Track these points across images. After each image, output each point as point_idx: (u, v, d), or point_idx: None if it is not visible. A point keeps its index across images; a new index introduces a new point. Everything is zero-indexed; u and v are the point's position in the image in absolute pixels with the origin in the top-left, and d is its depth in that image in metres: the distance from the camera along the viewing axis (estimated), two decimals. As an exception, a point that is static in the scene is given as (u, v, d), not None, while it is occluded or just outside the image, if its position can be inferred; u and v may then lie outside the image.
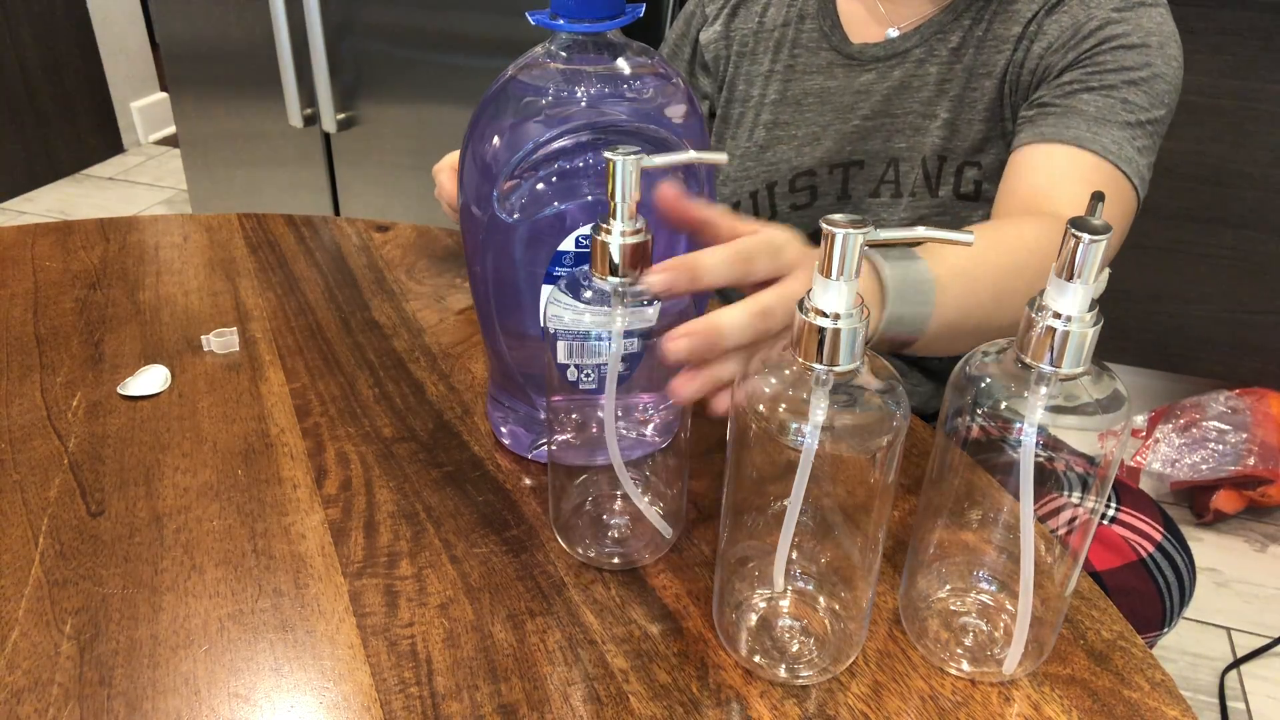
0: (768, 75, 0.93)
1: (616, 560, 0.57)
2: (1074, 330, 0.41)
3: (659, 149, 0.55)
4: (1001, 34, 0.83)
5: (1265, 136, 1.61)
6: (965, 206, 0.86)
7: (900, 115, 0.87)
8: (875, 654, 0.52)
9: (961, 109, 0.84)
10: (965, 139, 0.84)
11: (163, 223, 0.98)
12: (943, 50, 0.86)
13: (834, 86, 0.90)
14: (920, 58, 0.87)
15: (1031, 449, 0.43)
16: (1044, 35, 0.80)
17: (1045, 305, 0.41)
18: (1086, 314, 0.41)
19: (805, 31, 0.92)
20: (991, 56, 0.83)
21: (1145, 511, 0.80)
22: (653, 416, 0.61)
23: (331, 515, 0.60)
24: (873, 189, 0.88)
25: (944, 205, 0.86)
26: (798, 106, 0.91)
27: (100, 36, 2.95)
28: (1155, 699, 0.49)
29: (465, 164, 0.59)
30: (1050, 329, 0.41)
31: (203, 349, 0.77)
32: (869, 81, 0.88)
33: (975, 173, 0.85)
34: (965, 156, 0.85)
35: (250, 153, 2.07)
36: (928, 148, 0.86)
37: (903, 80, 0.87)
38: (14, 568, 0.56)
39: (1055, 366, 0.42)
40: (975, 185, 0.85)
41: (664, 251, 0.59)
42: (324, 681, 0.50)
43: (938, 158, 0.85)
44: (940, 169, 0.85)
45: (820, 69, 0.91)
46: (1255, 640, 1.48)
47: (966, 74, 0.84)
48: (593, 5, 0.53)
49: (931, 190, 0.86)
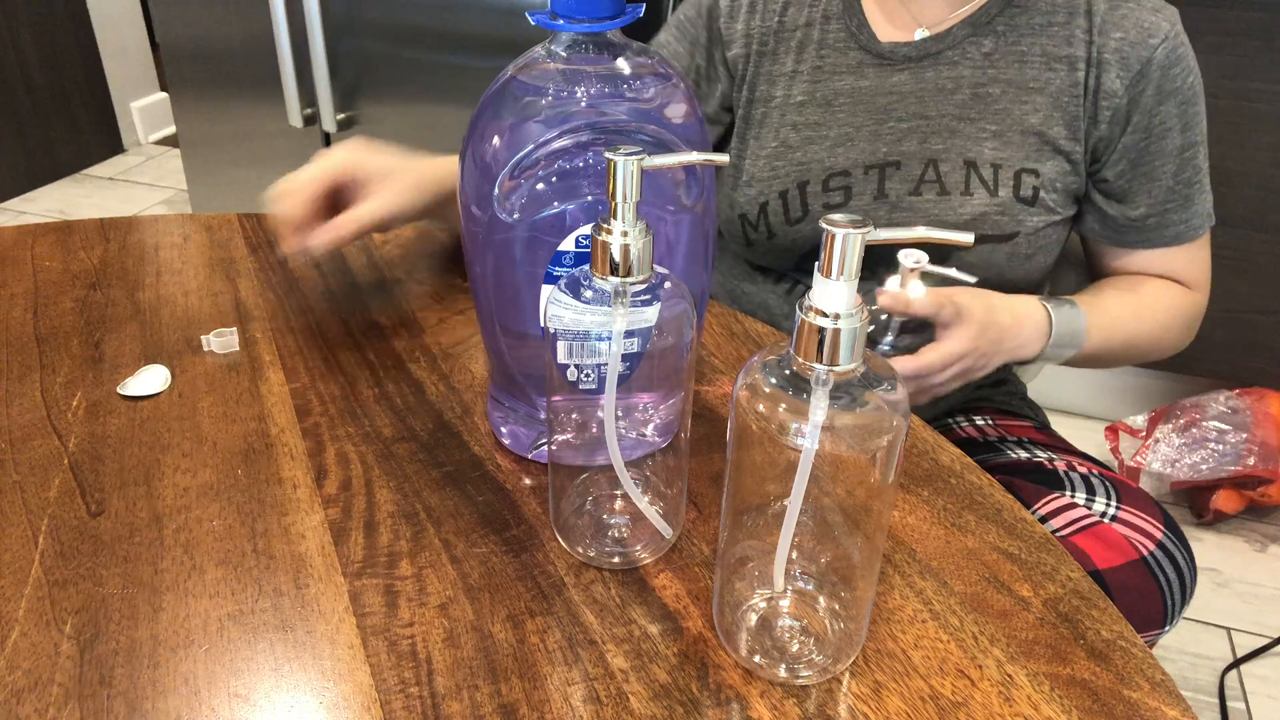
0: (791, 75, 0.93)
1: (616, 560, 0.57)
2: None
3: (659, 149, 0.55)
4: (1053, 52, 0.85)
5: (1265, 136, 1.61)
6: (1024, 210, 0.87)
7: (935, 117, 0.87)
8: (875, 654, 0.52)
9: (1010, 122, 0.86)
10: (1020, 149, 0.86)
11: (163, 223, 0.98)
12: (975, 54, 0.87)
13: (866, 87, 0.90)
14: (953, 60, 0.87)
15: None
16: (1108, 65, 0.84)
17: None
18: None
19: (831, 31, 0.91)
20: (1042, 73, 0.85)
21: (1145, 510, 0.80)
22: (653, 416, 0.61)
23: (331, 515, 0.60)
24: (912, 188, 0.88)
25: (1004, 205, 0.86)
26: (828, 107, 0.91)
27: (100, 36, 2.95)
28: (1155, 699, 0.49)
29: (465, 164, 0.59)
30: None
31: (203, 349, 0.77)
32: (901, 82, 0.89)
33: (1033, 179, 0.86)
34: (1021, 164, 0.86)
35: (250, 153, 2.07)
36: (976, 153, 0.87)
37: (937, 83, 0.88)
38: (14, 568, 0.56)
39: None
40: (1034, 191, 0.87)
41: (664, 251, 0.59)
42: (324, 681, 0.50)
43: (991, 165, 0.87)
44: (996, 175, 0.87)
45: (850, 69, 0.91)
46: (1255, 640, 1.48)
47: (1015, 89, 0.85)
48: (593, 5, 0.53)
49: (991, 191, 0.87)
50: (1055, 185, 0.86)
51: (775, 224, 0.92)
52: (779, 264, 0.97)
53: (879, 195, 0.89)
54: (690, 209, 0.59)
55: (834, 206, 0.90)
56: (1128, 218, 0.89)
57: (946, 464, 0.66)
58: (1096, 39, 0.84)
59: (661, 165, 0.48)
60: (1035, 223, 0.87)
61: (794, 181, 0.91)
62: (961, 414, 1.00)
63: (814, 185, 0.91)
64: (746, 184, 0.93)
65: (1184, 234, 0.90)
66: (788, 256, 0.95)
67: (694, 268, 0.61)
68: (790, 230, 0.92)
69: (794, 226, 0.92)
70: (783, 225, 0.92)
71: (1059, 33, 0.85)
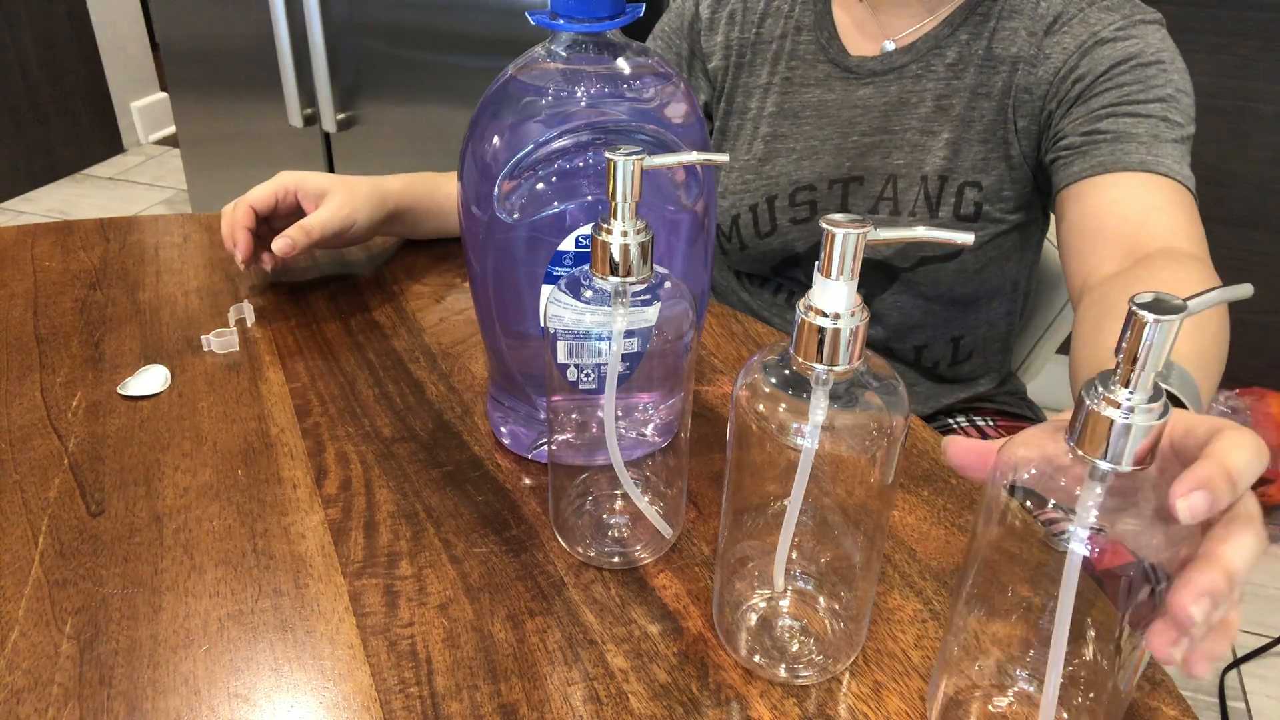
0: (765, 88, 0.93)
1: (616, 560, 0.57)
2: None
3: (659, 149, 0.55)
4: (1000, 54, 0.84)
5: (1265, 136, 1.61)
6: (965, 227, 0.86)
7: (899, 132, 0.87)
8: (875, 654, 0.52)
9: (963, 128, 0.85)
10: (966, 159, 0.85)
11: (163, 223, 0.98)
12: (939, 65, 0.86)
13: (832, 100, 0.90)
14: (917, 73, 0.87)
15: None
16: (1047, 59, 0.81)
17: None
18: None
19: (802, 43, 0.91)
20: (990, 77, 0.84)
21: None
22: (653, 416, 0.61)
23: (331, 515, 0.60)
24: (871, 205, 0.88)
25: (944, 226, 0.85)
26: (795, 119, 0.91)
27: (100, 36, 2.95)
28: (1155, 699, 0.49)
29: (465, 164, 0.59)
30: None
31: (203, 349, 0.77)
32: (867, 96, 0.88)
33: (975, 193, 0.85)
34: (966, 176, 0.85)
35: (250, 153, 2.07)
36: (929, 166, 0.86)
37: (900, 96, 0.87)
38: (14, 568, 0.56)
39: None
40: (975, 206, 0.85)
41: (664, 251, 0.59)
42: (324, 681, 0.50)
43: (939, 177, 0.86)
44: (941, 189, 0.86)
45: (818, 81, 0.90)
46: (1255, 640, 1.48)
47: (969, 94, 0.85)
48: (593, 5, 0.53)
49: (932, 210, 0.86)
50: (1001, 194, 0.85)
51: (747, 236, 0.93)
52: (756, 270, 0.97)
53: (842, 210, 0.89)
54: (690, 209, 0.59)
55: (800, 221, 0.91)
56: (1083, 133, 0.78)
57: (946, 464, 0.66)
58: (1044, 38, 0.81)
59: (661, 165, 0.48)
60: (978, 239, 0.85)
61: (763, 196, 0.91)
62: (961, 414, 1.00)
63: (781, 200, 0.91)
64: (720, 196, 0.94)
65: (1150, 162, 0.74)
66: (761, 265, 0.95)
67: (694, 268, 0.61)
68: (761, 243, 0.92)
69: (764, 240, 0.92)
70: (754, 238, 0.92)
71: (1008, 35, 0.83)
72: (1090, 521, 0.38)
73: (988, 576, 0.43)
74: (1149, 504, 0.38)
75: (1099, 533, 0.39)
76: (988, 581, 0.43)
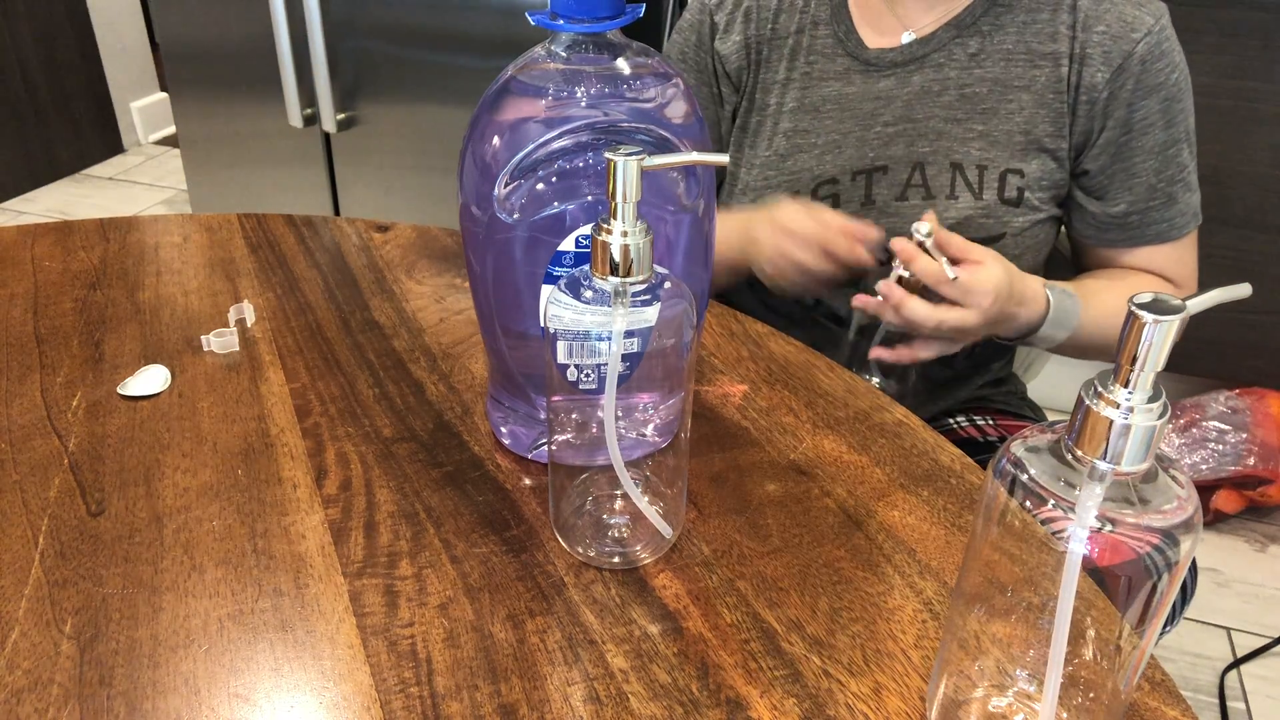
0: (784, 83, 0.92)
1: (616, 560, 0.57)
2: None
3: (659, 149, 0.55)
4: (1038, 49, 0.85)
5: (1265, 136, 1.61)
6: (1009, 211, 0.87)
7: (923, 120, 0.87)
8: (875, 654, 0.52)
9: (997, 121, 0.86)
10: (1005, 149, 0.86)
11: (163, 223, 0.98)
12: (961, 55, 0.86)
13: (852, 93, 0.90)
14: (939, 62, 0.87)
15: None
16: (1090, 59, 0.84)
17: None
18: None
19: (819, 38, 0.91)
20: (1027, 71, 0.85)
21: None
22: (653, 416, 0.61)
23: (331, 515, 0.60)
24: (899, 193, 0.88)
25: (989, 209, 0.87)
26: (816, 114, 0.91)
27: (100, 36, 2.95)
28: (1155, 699, 0.49)
29: (465, 164, 0.59)
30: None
31: (203, 349, 0.77)
32: (888, 88, 0.89)
33: (1018, 179, 0.87)
34: (1006, 164, 0.86)
35: (250, 153, 2.07)
36: (960, 154, 0.87)
37: (923, 86, 0.87)
38: (14, 568, 0.56)
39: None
40: (1018, 192, 0.87)
41: (663, 251, 0.59)
42: (324, 681, 0.50)
43: (977, 167, 0.87)
44: (981, 177, 0.87)
45: (837, 75, 0.90)
46: (1255, 640, 1.48)
47: (1000, 88, 0.85)
48: (593, 5, 0.53)
49: (975, 194, 0.87)
50: (1041, 183, 0.86)
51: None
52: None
53: (866, 201, 0.89)
54: (690, 209, 0.59)
55: None
56: (1109, 214, 0.89)
57: (946, 464, 0.66)
58: (1080, 34, 0.84)
59: (661, 165, 0.48)
60: (1020, 223, 0.87)
61: (786, 191, 0.91)
62: (961, 414, 1.00)
63: (803, 195, 0.90)
64: (741, 193, 0.93)
65: (1167, 233, 0.89)
66: None
67: (694, 268, 0.61)
68: None
69: None
70: None
71: (1043, 29, 0.85)
72: (1090, 521, 0.38)
73: (987, 576, 0.43)
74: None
75: (1099, 532, 0.39)
76: (987, 581, 0.43)
